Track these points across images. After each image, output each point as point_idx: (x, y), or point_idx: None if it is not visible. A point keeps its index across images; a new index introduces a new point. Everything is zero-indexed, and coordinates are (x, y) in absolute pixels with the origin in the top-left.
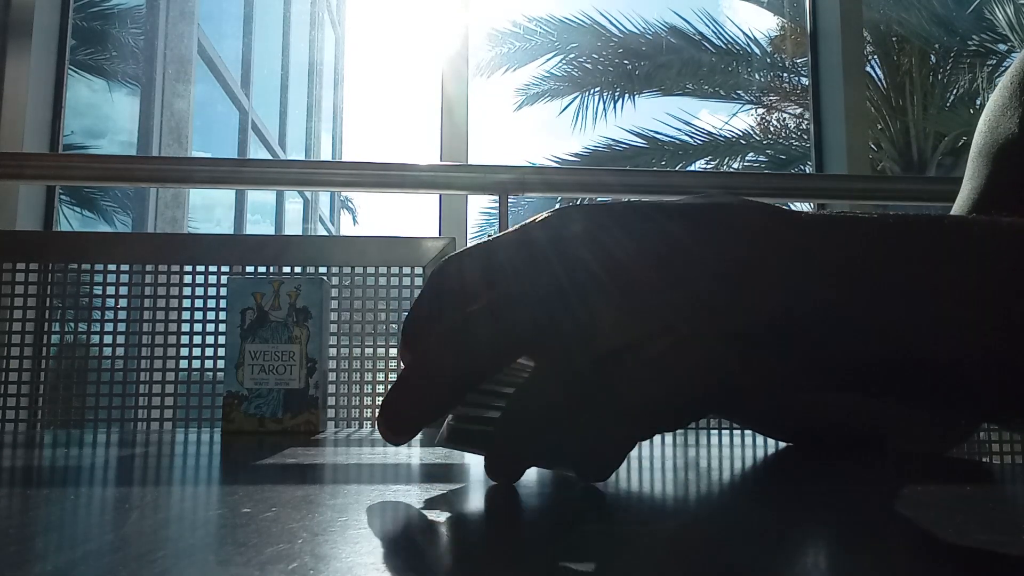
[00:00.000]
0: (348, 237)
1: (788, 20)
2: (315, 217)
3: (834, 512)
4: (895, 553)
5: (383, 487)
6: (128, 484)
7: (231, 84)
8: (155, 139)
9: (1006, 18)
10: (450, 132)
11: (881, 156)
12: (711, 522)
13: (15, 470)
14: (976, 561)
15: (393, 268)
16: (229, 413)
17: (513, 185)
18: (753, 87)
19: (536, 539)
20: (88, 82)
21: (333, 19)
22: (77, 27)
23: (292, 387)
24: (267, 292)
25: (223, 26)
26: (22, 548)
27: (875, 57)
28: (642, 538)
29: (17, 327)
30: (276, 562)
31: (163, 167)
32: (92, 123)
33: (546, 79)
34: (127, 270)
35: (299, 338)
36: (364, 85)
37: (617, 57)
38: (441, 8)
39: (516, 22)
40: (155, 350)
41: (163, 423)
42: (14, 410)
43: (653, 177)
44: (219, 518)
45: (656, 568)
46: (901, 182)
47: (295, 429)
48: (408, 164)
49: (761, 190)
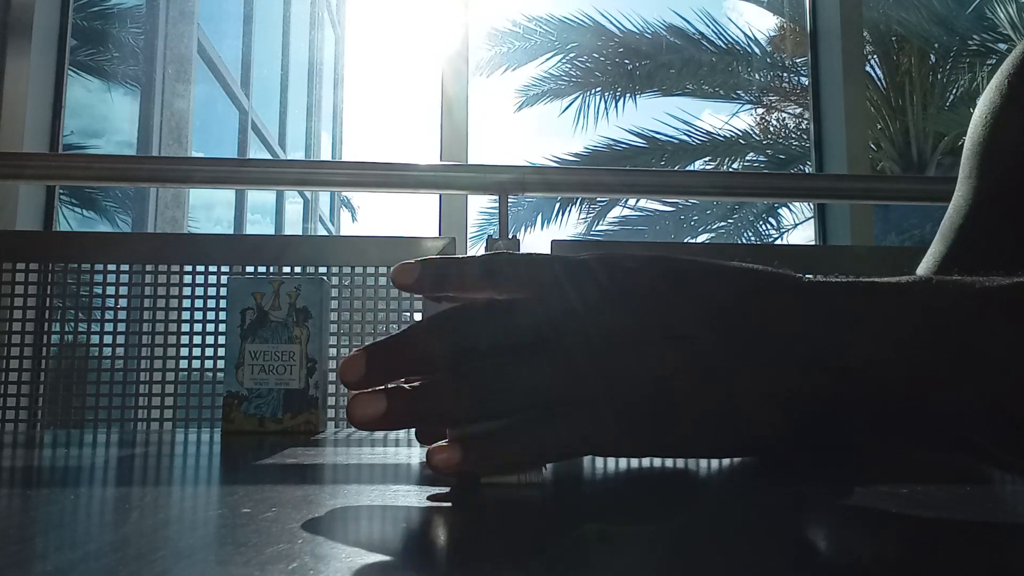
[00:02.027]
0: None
1: (788, 20)
2: (315, 217)
3: (834, 512)
4: (895, 553)
5: (383, 487)
6: (128, 484)
7: (231, 84)
8: (155, 139)
9: (1008, 17)
10: (450, 132)
11: (881, 156)
12: (711, 522)
13: (15, 470)
14: (976, 561)
15: None
16: (229, 413)
17: (513, 185)
18: (753, 87)
19: (536, 539)
20: (88, 82)
21: (333, 19)
22: (77, 27)
23: (292, 387)
24: (267, 292)
25: (223, 26)
26: (22, 548)
27: (875, 57)
28: (642, 538)
29: (17, 327)
30: (276, 562)
31: (163, 167)
32: (92, 123)
33: (546, 79)
34: (127, 270)
35: (299, 338)
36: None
37: (617, 57)
38: (441, 8)
39: (516, 22)
40: (155, 350)
41: (163, 423)
42: (14, 410)
43: (653, 177)
44: (219, 518)
45: (656, 568)
46: (901, 182)
47: (295, 429)
48: (408, 164)
49: (761, 190)
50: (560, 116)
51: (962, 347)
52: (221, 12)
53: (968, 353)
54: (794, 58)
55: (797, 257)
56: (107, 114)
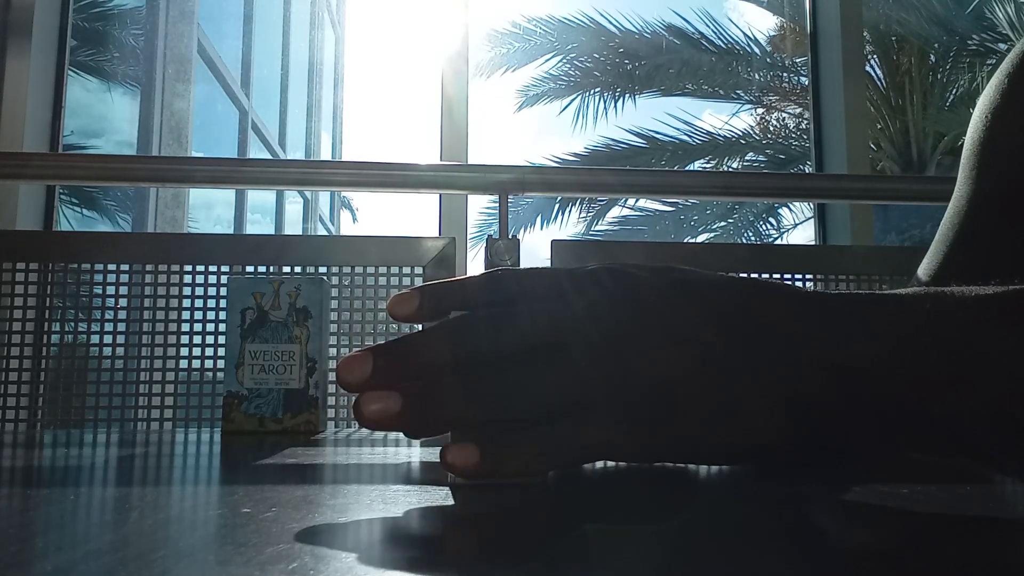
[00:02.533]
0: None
1: (788, 20)
2: (315, 217)
3: (834, 512)
4: (895, 552)
5: (383, 487)
6: (128, 484)
7: (231, 84)
8: (155, 139)
9: (1007, 17)
10: (450, 132)
11: (881, 156)
12: (711, 522)
13: (15, 470)
14: (976, 561)
15: (393, 268)
16: (229, 413)
17: (513, 185)
18: (753, 87)
19: (536, 539)
20: (88, 82)
21: (333, 19)
22: (77, 27)
23: (292, 387)
24: (267, 292)
25: (223, 26)
26: (22, 548)
27: (875, 57)
28: (642, 538)
29: (17, 327)
30: (276, 562)
31: (163, 167)
32: (91, 123)
33: (546, 79)
34: (127, 270)
35: (299, 338)
36: (364, 85)
37: (617, 57)
38: (441, 8)
39: (515, 22)
40: (155, 350)
41: (163, 423)
42: (14, 410)
43: (653, 177)
44: (219, 518)
45: (656, 568)
46: (901, 182)
47: (295, 429)
48: (408, 164)
49: (761, 190)
50: (560, 116)
51: (964, 349)
52: (221, 12)
53: (970, 355)
54: (794, 58)
55: (797, 257)
56: (107, 114)
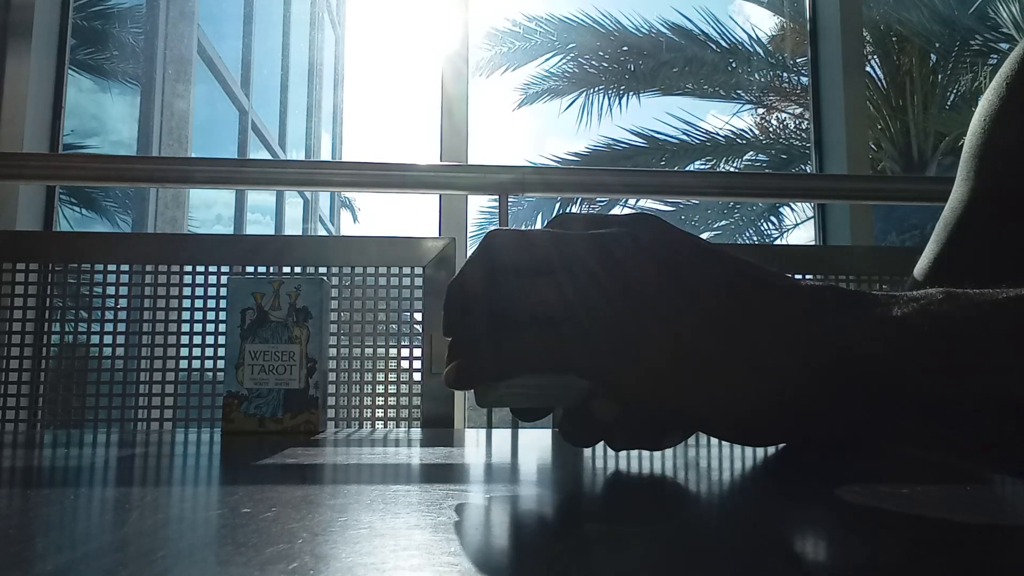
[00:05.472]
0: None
1: (788, 19)
2: (315, 217)
3: (831, 512)
4: (895, 552)
5: (383, 487)
6: (128, 484)
7: (231, 84)
8: (155, 139)
9: (1010, 16)
10: (450, 132)
11: (881, 156)
12: (711, 522)
13: (15, 470)
14: (976, 561)
15: (393, 268)
16: (229, 413)
17: (513, 185)
18: (753, 87)
19: (536, 539)
20: (88, 82)
21: (333, 19)
22: (77, 27)
23: (292, 387)
24: (267, 292)
25: (223, 26)
26: (22, 548)
27: (875, 56)
28: (642, 539)
29: (17, 327)
30: (276, 562)
31: (163, 167)
32: (91, 123)
33: (545, 78)
34: (127, 270)
35: (299, 338)
36: (364, 85)
37: (617, 56)
38: (441, 8)
39: (516, 21)
40: (155, 350)
41: (163, 423)
42: (14, 410)
43: (653, 177)
44: (219, 518)
45: (656, 568)
46: (901, 182)
47: (295, 429)
48: (408, 164)
49: (761, 190)
50: (560, 116)
51: (970, 338)
52: (221, 12)
53: (976, 342)
54: (795, 58)
55: (797, 257)
56: (107, 114)
